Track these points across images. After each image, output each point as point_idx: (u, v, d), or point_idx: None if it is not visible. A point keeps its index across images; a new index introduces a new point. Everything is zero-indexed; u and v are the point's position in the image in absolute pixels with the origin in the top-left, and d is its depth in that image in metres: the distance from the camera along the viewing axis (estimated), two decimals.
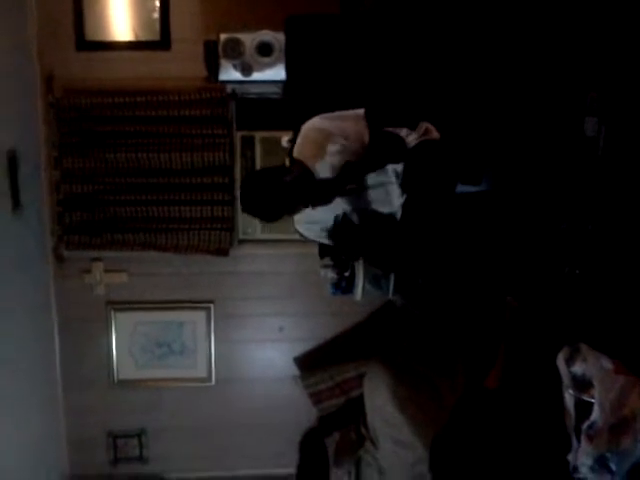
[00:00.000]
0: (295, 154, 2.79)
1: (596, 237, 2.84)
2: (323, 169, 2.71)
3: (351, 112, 2.86)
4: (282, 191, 2.60)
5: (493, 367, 3.22)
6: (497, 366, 3.20)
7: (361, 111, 2.85)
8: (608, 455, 2.68)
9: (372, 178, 2.85)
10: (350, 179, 2.76)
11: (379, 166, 2.80)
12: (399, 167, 2.84)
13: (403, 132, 2.91)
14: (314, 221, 2.96)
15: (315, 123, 2.81)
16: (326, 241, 3.05)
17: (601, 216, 2.82)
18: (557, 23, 2.98)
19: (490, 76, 3.16)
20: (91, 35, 4.21)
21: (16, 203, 3.83)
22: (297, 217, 3.00)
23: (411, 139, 2.87)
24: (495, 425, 3.10)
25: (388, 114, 3.05)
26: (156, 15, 4.22)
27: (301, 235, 3.10)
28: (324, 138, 2.73)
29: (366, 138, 2.77)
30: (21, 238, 3.96)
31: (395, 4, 3.46)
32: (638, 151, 2.72)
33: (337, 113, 2.87)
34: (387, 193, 2.90)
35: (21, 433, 3.82)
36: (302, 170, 2.70)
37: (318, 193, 2.71)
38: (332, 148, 2.72)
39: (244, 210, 2.73)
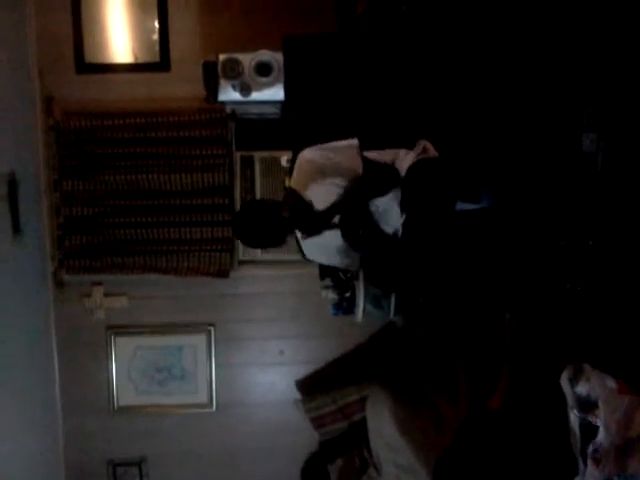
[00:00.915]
0: (292, 184, 2.86)
1: (597, 253, 2.79)
2: (316, 200, 2.76)
3: (345, 143, 2.88)
4: (282, 226, 2.74)
5: (496, 388, 3.15)
6: (500, 386, 3.13)
7: (355, 142, 2.86)
8: (615, 478, 2.59)
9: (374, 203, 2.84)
10: (341, 209, 2.78)
11: (371, 198, 2.80)
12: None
13: (401, 152, 2.89)
14: (322, 244, 2.95)
15: (308, 155, 2.87)
16: (336, 263, 3.11)
17: (602, 232, 2.78)
18: (553, 39, 2.97)
19: (487, 93, 3.15)
20: (91, 57, 4.25)
21: (16, 227, 3.82)
22: (304, 243, 2.99)
23: (409, 158, 2.85)
24: (499, 447, 3.02)
25: (382, 136, 3.05)
26: (155, 37, 4.27)
27: (306, 259, 3.08)
28: (316, 170, 2.78)
29: (359, 170, 2.77)
30: (21, 262, 3.94)
31: (392, 24, 3.46)
32: (637, 166, 2.68)
33: (331, 144, 2.90)
34: (386, 214, 2.88)
35: (19, 459, 3.77)
36: (299, 203, 2.76)
37: (311, 225, 2.78)
38: (324, 181, 2.75)
39: (237, 237, 2.80)
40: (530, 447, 2.98)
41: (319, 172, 2.76)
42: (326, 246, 2.94)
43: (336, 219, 2.81)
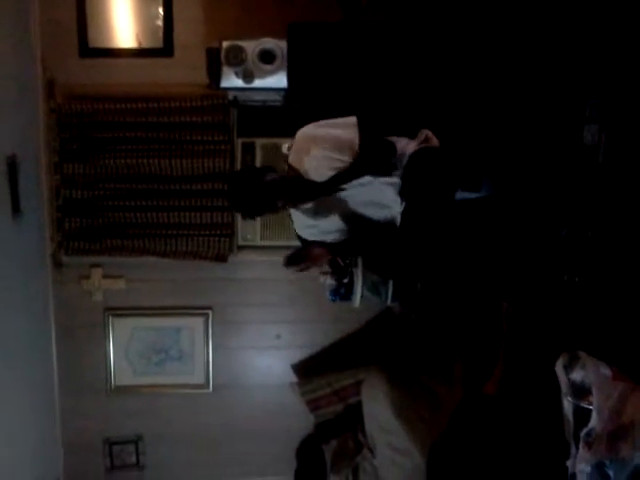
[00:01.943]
0: (289, 160, 2.89)
1: (595, 244, 2.85)
2: (312, 171, 2.80)
3: (342, 119, 2.92)
4: (260, 188, 2.68)
5: (492, 374, 3.22)
6: (496, 372, 3.21)
7: (353, 118, 2.89)
8: (606, 462, 2.67)
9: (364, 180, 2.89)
10: (337, 184, 2.82)
11: (369, 172, 2.84)
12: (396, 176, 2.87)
13: (403, 141, 2.93)
14: (312, 225, 3.00)
15: (306, 130, 2.90)
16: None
17: (601, 223, 2.84)
18: (555, 31, 3.01)
19: (490, 83, 3.19)
20: (94, 42, 4.24)
21: (16, 209, 3.82)
22: (296, 222, 3.04)
23: (411, 147, 2.90)
24: (494, 432, 3.10)
25: (386, 121, 3.08)
26: (159, 22, 4.25)
27: (302, 240, 3.12)
28: (311, 142, 2.81)
29: (356, 144, 2.81)
30: (20, 244, 3.96)
31: (397, 13, 3.50)
32: (638, 158, 2.74)
33: (328, 120, 2.93)
34: (380, 192, 2.92)
35: (16, 438, 3.81)
36: (290, 173, 2.79)
37: (302, 193, 2.79)
38: (316, 152, 2.79)
39: (230, 203, 2.79)
40: (523, 432, 3.07)
41: (317, 144, 2.79)
42: (314, 225, 3.00)
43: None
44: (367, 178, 2.85)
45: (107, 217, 4.37)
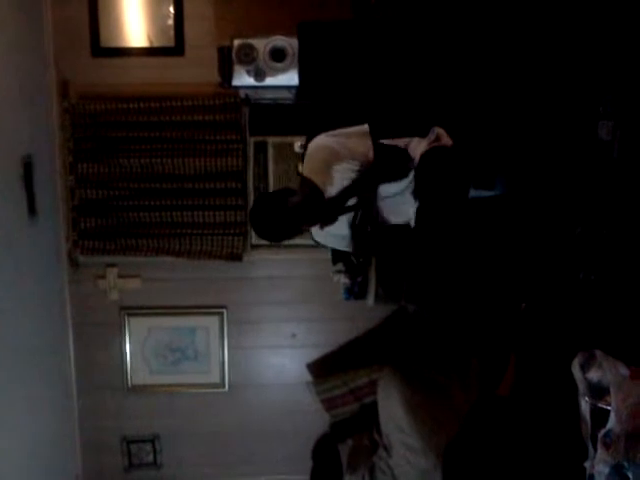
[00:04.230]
0: (304, 172, 2.79)
1: (611, 242, 2.81)
2: (333, 188, 2.72)
3: (355, 128, 2.88)
4: (287, 215, 2.60)
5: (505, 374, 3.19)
6: (508, 373, 3.17)
7: (365, 127, 2.86)
8: (625, 464, 2.63)
9: (385, 189, 2.86)
10: (354, 195, 2.78)
11: (384, 182, 2.80)
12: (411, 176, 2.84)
13: (414, 141, 2.90)
14: (330, 232, 2.97)
15: (321, 141, 2.82)
16: (346, 248, 3.08)
17: (616, 220, 2.79)
18: (570, 27, 2.97)
19: (503, 80, 3.15)
20: (106, 41, 4.25)
21: (31, 209, 3.85)
22: (314, 228, 2.99)
23: (422, 146, 2.86)
24: (509, 432, 3.07)
25: (396, 123, 3.06)
26: (170, 21, 4.25)
27: (317, 243, 3.10)
28: (331, 156, 2.73)
29: (371, 154, 2.77)
30: (36, 243, 3.98)
31: (407, 10, 3.46)
32: None
33: (341, 130, 2.88)
34: (401, 203, 2.90)
35: (34, 437, 3.83)
36: (310, 190, 2.68)
37: (325, 213, 2.71)
38: (339, 167, 2.72)
39: (256, 232, 2.77)
40: (540, 432, 3.03)
41: (335, 157, 2.73)
42: (333, 233, 2.96)
43: (349, 202, 2.81)
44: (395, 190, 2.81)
45: (122, 217, 4.38)
